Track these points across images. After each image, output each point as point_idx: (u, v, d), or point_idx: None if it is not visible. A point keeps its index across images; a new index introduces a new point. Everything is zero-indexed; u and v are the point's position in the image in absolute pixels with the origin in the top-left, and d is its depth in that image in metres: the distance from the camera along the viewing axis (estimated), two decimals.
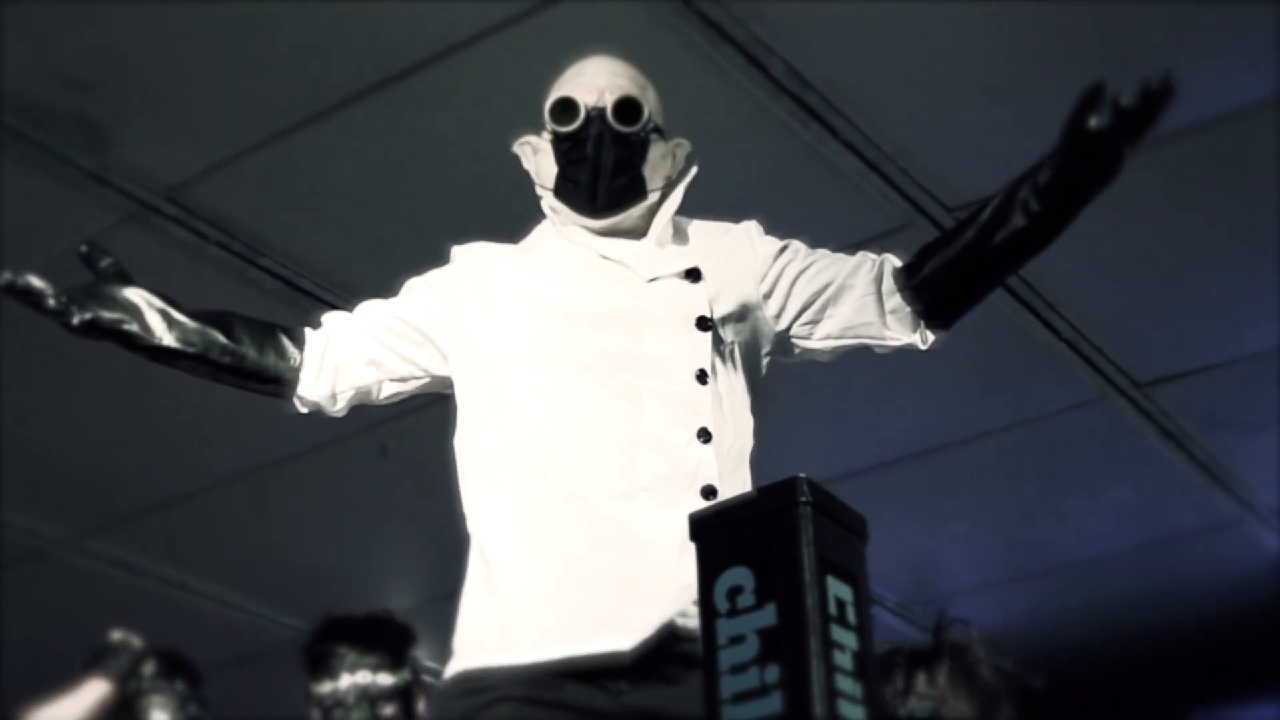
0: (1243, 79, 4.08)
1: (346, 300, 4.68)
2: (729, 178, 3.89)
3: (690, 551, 2.43)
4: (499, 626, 2.56)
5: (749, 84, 4.02)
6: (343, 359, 2.80)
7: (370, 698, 3.80)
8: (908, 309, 2.77)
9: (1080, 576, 6.68)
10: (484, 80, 3.90)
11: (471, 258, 2.85)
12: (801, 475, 1.93)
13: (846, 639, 1.91)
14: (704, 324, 2.68)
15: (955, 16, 3.87)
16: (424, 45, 3.93)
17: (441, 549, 2.88)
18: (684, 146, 2.87)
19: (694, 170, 2.85)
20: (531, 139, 2.86)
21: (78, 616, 6.47)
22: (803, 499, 1.93)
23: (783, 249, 2.87)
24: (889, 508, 5.17)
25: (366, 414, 2.93)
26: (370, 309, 2.87)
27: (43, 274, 2.51)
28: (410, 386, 2.86)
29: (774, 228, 2.92)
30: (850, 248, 4.56)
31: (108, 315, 2.59)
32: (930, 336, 2.81)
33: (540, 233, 2.87)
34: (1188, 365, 5.29)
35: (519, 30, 3.80)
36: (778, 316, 2.81)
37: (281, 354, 2.77)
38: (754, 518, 1.97)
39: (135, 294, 2.63)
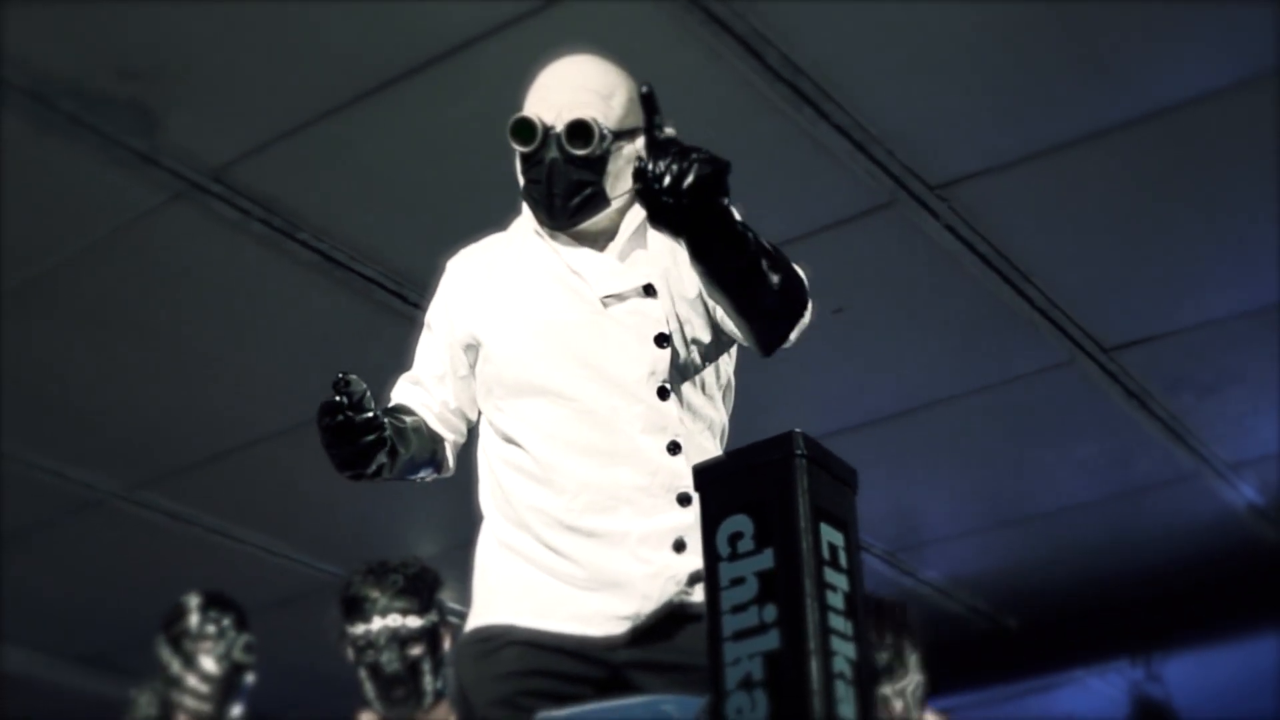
0: (1200, 68, 4.08)
1: (376, 271, 4.72)
2: (728, 158, 3.88)
3: (669, 551, 2.53)
4: (511, 597, 2.63)
5: (747, 72, 4.00)
6: (457, 438, 2.83)
7: (400, 639, 3.81)
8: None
9: (1051, 525, 6.68)
10: (503, 70, 3.86)
11: (460, 274, 2.83)
12: (797, 430, 1.93)
13: (838, 581, 1.91)
14: (662, 341, 2.64)
15: (938, 9, 3.86)
16: (447, 38, 3.92)
17: (463, 501, 2.88)
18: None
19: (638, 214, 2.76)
20: None
21: (131, 562, 6.52)
22: (798, 452, 1.93)
23: None
24: (876, 462, 5.17)
25: (390, 377, 2.92)
26: (440, 384, 2.81)
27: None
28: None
29: (772, 206, 2.91)
30: (841, 222, 4.58)
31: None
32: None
33: (523, 219, 2.83)
34: (1150, 331, 5.28)
35: (535, 22, 3.78)
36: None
37: (442, 451, 2.81)
38: (753, 469, 1.97)
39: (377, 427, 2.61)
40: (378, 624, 3.81)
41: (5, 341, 5.03)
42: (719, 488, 2.00)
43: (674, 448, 2.60)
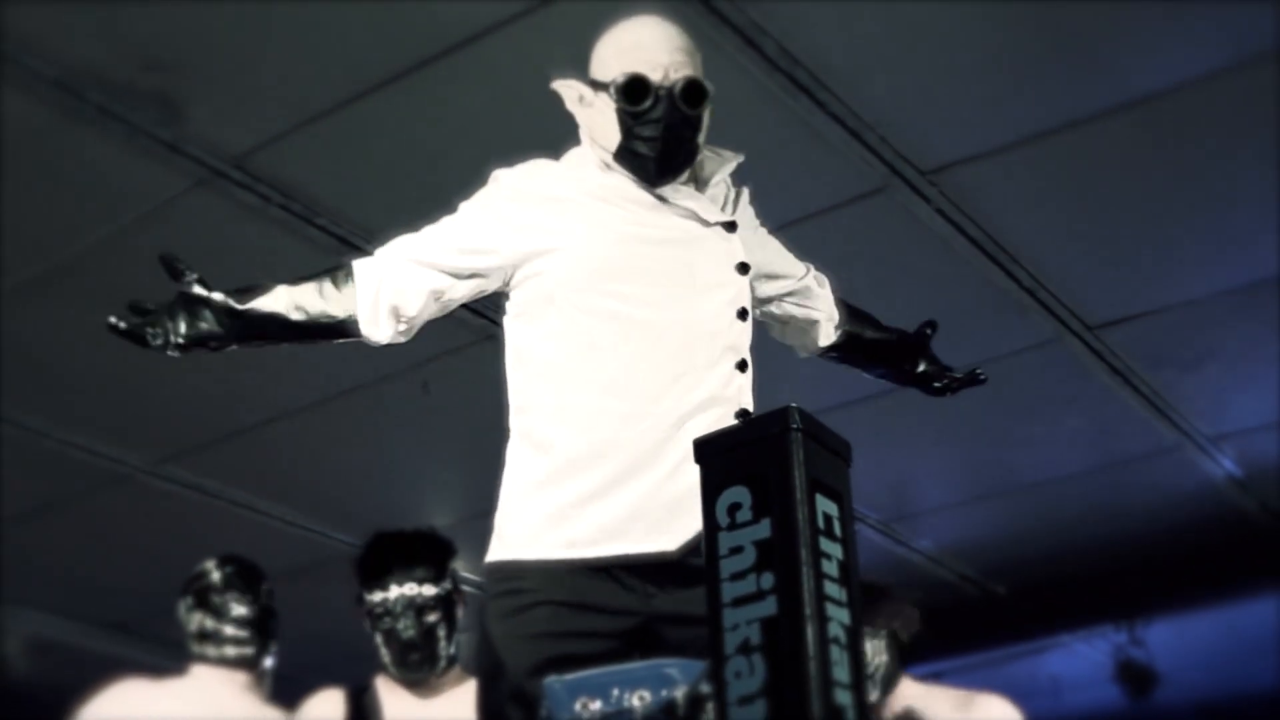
0: (1179, 59, 4.07)
1: None
2: (730, 146, 3.88)
3: None
4: (556, 521, 2.54)
5: (746, 62, 4.00)
6: (400, 300, 2.71)
7: (416, 606, 3.80)
8: (825, 347, 3.17)
9: (1038, 497, 6.68)
10: (509, 62, 3.89)
11: (524, 187, 2.73)
12: (793, 405, 1.94)
13: (833, 550, 1.92)
14: (744, 269, 2.70)
15: (930, 3, 3.86)
16: (455, 33, 3.92)
17: (475, 473, 2.89)
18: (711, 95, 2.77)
19: (741, 157, 2.84)
20: (579, 86, 2.75)
21: (157, 533, 6.54)
22: (794, 426, 1.93)
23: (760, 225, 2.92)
24: (870, 436, 5.16)
25: (410, 355, 2.92)
26: (431, 242, 2.73)
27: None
28: (470, 296, 2.78)
29: (770, 190, 2.92)
30: (836, 206, 4.58)
31: (188, 335, 2.71)
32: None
33: (583, 158, 2.77)
34: (1133, 310, 5.28)
35: (540, 17, 3.78)
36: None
37: (338, 308, 2.70)
38: (751, 442, 1.98)
39: (207, 302, 2.71)
40: (394, 592, 3.81)
41: (37, 323, 5.04)
42: (719, 460, 2.01)
43: (743, 365, 2.64)
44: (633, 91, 2.65)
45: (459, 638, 3.85)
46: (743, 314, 2.67)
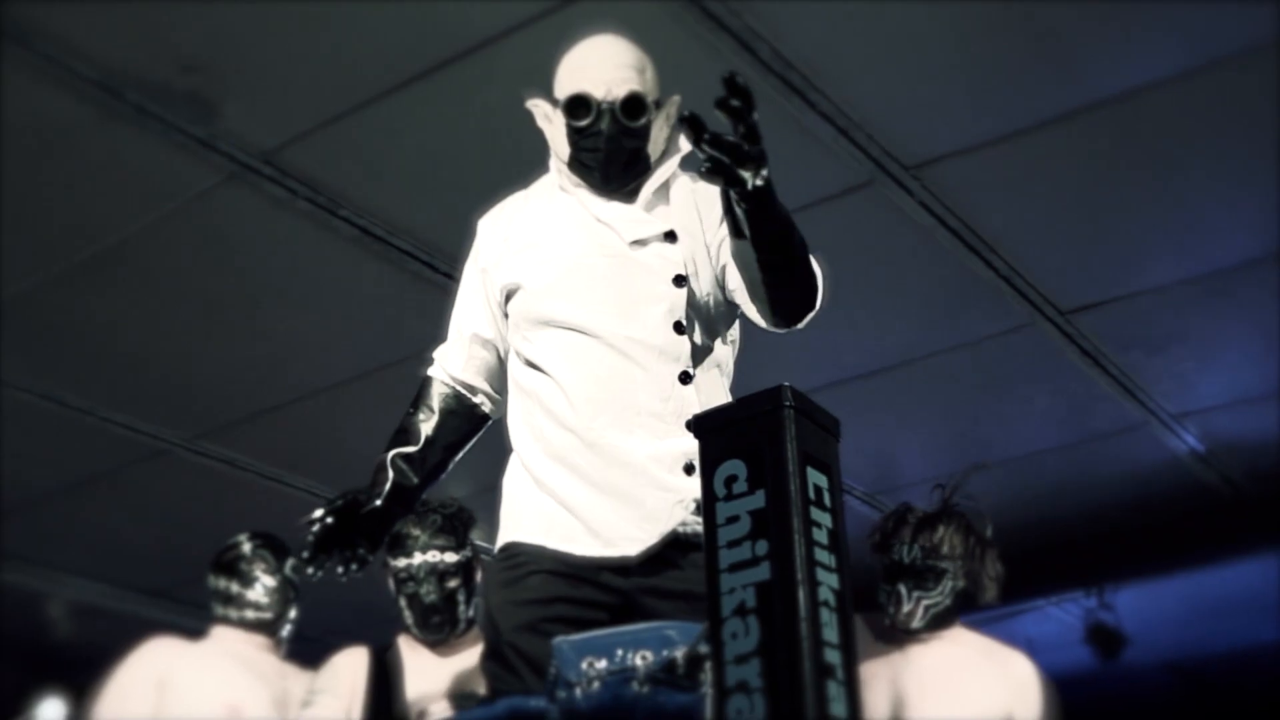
0: (1148, 60, 4.07)
1: (410, 244, 4.72)
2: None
3: (681, 474, 2.53)
4: (539, 518, 2.63)
5: (741, 65, 3.99)
6: (484, 383, 2.89)
7: (438, 572, 3.80)
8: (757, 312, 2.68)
9: (1013, 470, 6.67)
10: (521, 64, 3.87)
11: (492, 231, 2.86)
12: (786, 384, 1.93)
13: (823, 519, 1.92)
14: (680, 281, 2.66)
15: (915, 7, 3.85)
16: (471, 36, 3.93)
17: (490, 447, 2.89)
18: (675, 103, 2.78)
19: (686, 149, 2.75)
20: (543, 104, 2.80)
21: (193, 505, 6.55)
22: (787, 403, 1.93)
23: None
24: (857, 413, 5.17)
25: (423, 339, 2.92)
26: (460, 331, 2.89)
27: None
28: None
29: None
30: (825, 199, 4.59)
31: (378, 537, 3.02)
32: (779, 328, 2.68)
33: (547, 183, 2.85)
34: (1103, 295, 5.27)
35: (550, 22, 3.78)
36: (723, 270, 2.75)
37: (465, 417, 2.90)
38: (747, 419, 1.98)
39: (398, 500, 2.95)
40: (418, 559, 3.81)
41: (80, 309, 5.05)
42: (716, 435, 2.01)
43: (685, 377, 2.62)
44: (575, 109, 2.70)
45: (477, 601, 3.85)
46: (678, 327, 2.64)
